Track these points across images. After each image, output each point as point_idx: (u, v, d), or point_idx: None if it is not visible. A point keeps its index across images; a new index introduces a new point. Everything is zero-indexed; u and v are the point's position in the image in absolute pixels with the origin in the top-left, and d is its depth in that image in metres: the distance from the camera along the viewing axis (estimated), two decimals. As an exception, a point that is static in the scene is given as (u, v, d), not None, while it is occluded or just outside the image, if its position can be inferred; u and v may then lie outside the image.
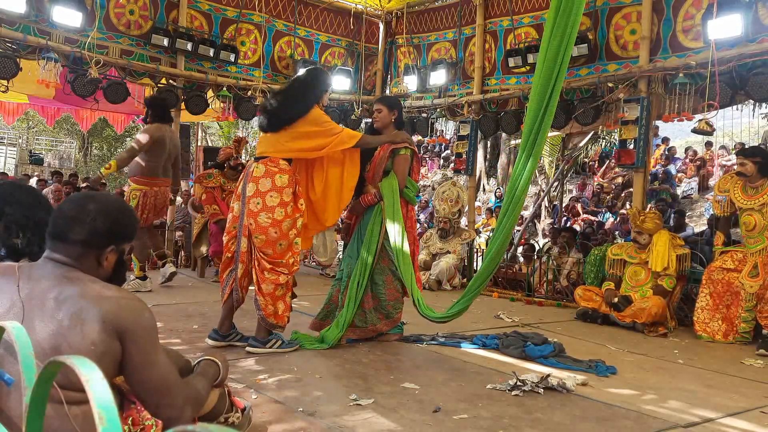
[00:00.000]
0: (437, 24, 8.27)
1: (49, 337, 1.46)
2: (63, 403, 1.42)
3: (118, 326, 1.50)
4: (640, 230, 5.37)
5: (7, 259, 1.96)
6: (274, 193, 3.59)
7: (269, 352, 3.67)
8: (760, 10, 5.30)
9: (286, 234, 3.62)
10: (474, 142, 7.91)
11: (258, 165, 3.68)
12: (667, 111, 5.90)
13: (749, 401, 3.19)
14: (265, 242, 3.60)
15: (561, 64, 3.75)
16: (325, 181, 3.89)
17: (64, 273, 1.56)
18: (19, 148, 21.62)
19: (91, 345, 1.46)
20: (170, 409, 1.58)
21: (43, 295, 1.51)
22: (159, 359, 1.58)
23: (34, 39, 6.09)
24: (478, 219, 12.69)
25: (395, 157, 4.01)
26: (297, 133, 3.69)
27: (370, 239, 3.98)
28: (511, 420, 2.69)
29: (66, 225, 1.58)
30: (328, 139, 3.74)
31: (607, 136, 14.25)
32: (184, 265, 8.34)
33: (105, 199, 1.67)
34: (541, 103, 3.79)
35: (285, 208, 3.61)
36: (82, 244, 1.59)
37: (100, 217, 1.60)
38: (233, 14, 7.70)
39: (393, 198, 3.95)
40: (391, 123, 4.11)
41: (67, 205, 1.61)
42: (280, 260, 3.63)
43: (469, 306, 3.95)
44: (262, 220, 3.58)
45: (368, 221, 4.02)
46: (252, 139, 21.56)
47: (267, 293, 3.62)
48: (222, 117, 8.12)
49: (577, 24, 3.79)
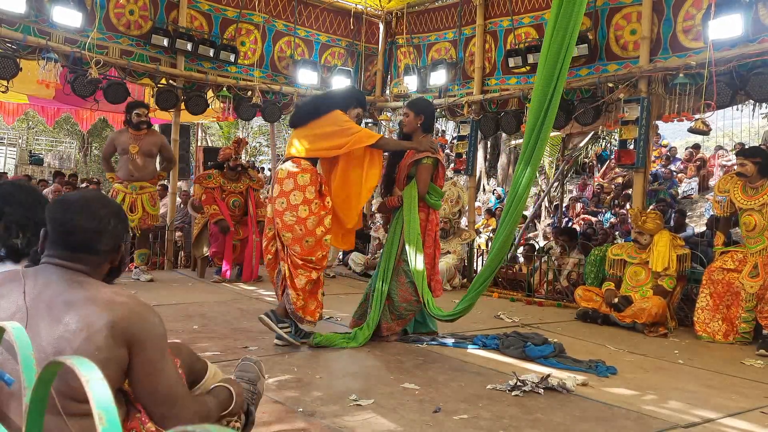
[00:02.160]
0: (437, 24, 8.27)
1: (53, 341, 1.44)
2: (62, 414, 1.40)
3: (127, 333, 1.48)
4: (641, 231, 5.37)
5: (7, 260, 1.96)
6: (297, 192, 3.76)
7: (277, 331, 3.81)
8: (761, 10, 5.30)
9: (313, 231, 3.77)
10: (474, 143, 7.90)
11: (282, 167, 3.88)
12: (667, 111, 5.90)
13: (749, 401, 3.19)
14: (292, 240, 3.77)
15: (562, 65, 3.75)
16: (344, 180, 4.00)
17: (73, 278, 1.54)
18: (19, 149, 21.60)
19: (95, 350, 1.44)
20: (176, 421, 1.55)
21: (51, 300, 1.49)
22: (167, 368, 1.56)
23: (34, 39, 6.09)
24: (478, 219, 12.68)
25: (417, 166, 4.08)
26: (317, 133, 3.86)
27: (392, 241, 4.13)
28: (511, 420, 2.69)
29: (92, 238, 1.56)
30: (347, 138, 3.85)
31: (607, 136, 14.26)
32: (184, 265, 8.34)
33: (109, 204, 1.66)
34: (542, 104, 3.80)
35: (309, 205, 3.76)
36: (108, 253, 1.60)
37: (117, 221, 1.61)
38: (233, 14, 7.70)
39: (411, 205, 4.06)
40: (418, 128, 4.16)
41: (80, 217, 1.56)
42: (310, 257, 3.79)
43: (474, 304, 4.02)
44: (287, 218, 3.75)
45: (393, 224, 4.18)
46: (252, 139, 21.60)
47: (299, 287, 3.79)
48: (222, 117, 8.10)
49: (578, 25, 3.80)
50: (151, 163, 6.40)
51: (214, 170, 6.78)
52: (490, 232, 12.40)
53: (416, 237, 4.02)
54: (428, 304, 4.01)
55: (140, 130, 6.25)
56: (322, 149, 3.90)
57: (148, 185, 6.37)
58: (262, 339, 4.02)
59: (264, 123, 15.16)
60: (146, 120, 6.31)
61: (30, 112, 13.46)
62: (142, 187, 6.30)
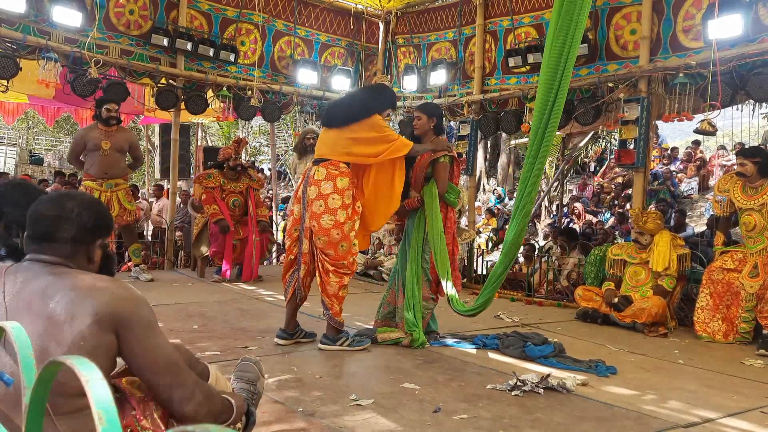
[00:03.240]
0: (437, 24, 8.27)
1: (36, 337, 1.42)
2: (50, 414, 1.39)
3: (114, 318, 1.47)
4: (642, 231, 5.37)
5: (7, 259, 1.96)
6: (336, 196, 3.73)
7: (339, 349, 3.83)
8: (761, 10, 5.30)
9: (347, 235, 3.77)
10: (474, 142, 7.91)
11: (319, 168, 3.81)
12: (667, 111, 5.89)
13: (749, 401, 3.19)
14: (327, 243, 3.74)
15: (566, 64, 3.76)
16: (375, 185, 4.01)
17: (53, 270, 1.53)
18: (19, 148, 21.59)
19: (80, 340, 1.43)
20: (183, 389, 1.55)
21: (30, 296, 1.48)
22: (161, 342, 1.55)
23: (34, 39, 6.08)
24: (478, 219, 12.69)
25: (435, 165, 4.13)
26: (358, 138, 3.84)
27: (417, 242, 4.17)
28: (511, 420, 2.69)
29: (51, 225, 1.55)
30: (385, 146, 3.87)
31: (606, 136, 14.26)
32: (184, 265, 8.35)
33: (79, 195, 1.66)
34: (545, 104, 3.82)
35: (346, 210, 3.76)
36: (72, 241, 1.57)
37: (84, 212, 1.59)
38: (233, 14, 7.69)
39: (433, 204, 4.11)
40: (430, 130, 4.22)
41: (45, 206, 1.58)
42: (342, 261, 3.79)
43: (492, 298, 4.17)
44: (325, 222, 3.72)
45: (413, 225, 4.21)
46: (252, 139, 21.58)
47: (332, 294, 3.81)
48: (222, 117, 8.09)
49: (582, 24, 3.81)
50: (122, 160, 6.22)
51: (214, 170, 6.78)
52: (490, 232, 12.40)
53: (440, 235, 4.09)
54: (452, 299, 4.10)
55: (110, 125, 6.05)
56: (360, 155, 3.88)
57: (122, 182, 6.22)
58: (262, 339, 4.02)
59: (264, 123, 15.16)
60: (116, 115, 6.12)
61: (30, 111, 13.48)
62: (117, 184, 6.14)
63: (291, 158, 14.24)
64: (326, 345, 3.86)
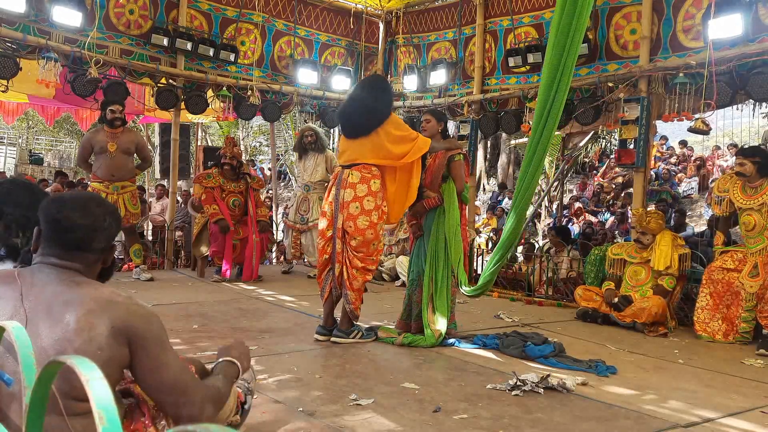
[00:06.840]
0: (437, 24, 8.27)
1: (54, 342, 1.44)
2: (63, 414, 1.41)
3: (128, 332, 1.50)
4: (644, 231, 5.37)
5: (7, 259, 1.96)
6: (370, 198, 3.94)
7: (352, 341, 4.01)
8: (761, 10, 5.30)
9: (378, 235, 4.01)
10: (474, 142, 7.90)
11: (352, 172, 3.97)
12: (667, 111, 5.90)
13: (749, 401, 3.19)
14: (361, 243, 3.95)
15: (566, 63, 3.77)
16: (397, 182, 4.12)
17: (70, 278, 1.55)
18: (19, 148, 21.59)
19: (98, 350, 1.45)
20: (190, 406, 1.58)
21: (50, 301, 1.50)
22: (170, 361, 1.58)
23: (33, 39, 6.08)
24: (478, 219, 12.68)
25: (451, 163, 4.24)
26: (391, 137, 3.95)
27: (436, 242, 4.23)
28: (511, 420, 2.69)
29: (86, 235, 1.56)
30: (409, 145, 4.02)
31: (606, 136, 14.26)
32: (184, 264, 8.35)
33: (104, 201, 1.67)
34: (545, 104, 3.85)
35: (378, 211, 3.96)
36: (102, 251, 1.61)
37: (111, 220, 1.61)
38: (233, 14, 7.69)
39: (452, 200, 4.21)
40: (438, 133, 4.34)
41: (77, 214, 1.56)
42: (372, 257, 4.04)
43: (494, 279, 4.54)
44: (361, 223, 3.92)
45: (432, 222, 4.27)
46: (252, 139, 21.57)
47: (356, 289, 4.02)
48: (222, 117, 8.09)
49: (583, 25, 3.83)
50: (130, 162, 6.25)
51: (213, 170, 6.78)
52: (490, 232, 12.40)
53: (457, 229, 4.20)
54: (461, 281, 4.30)
55: (116, 127, 6.07)
56: (391, 156, 3.98)
57: (129, 184, 6.24)
58: (262, 339, 4.02)
59: (264, 122, 15.15)
60: (121, 117, 6.13)
61: (30, 111, 13.47)
62: (124, 187, 6.16)
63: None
64: (340, 337, 4.02)
